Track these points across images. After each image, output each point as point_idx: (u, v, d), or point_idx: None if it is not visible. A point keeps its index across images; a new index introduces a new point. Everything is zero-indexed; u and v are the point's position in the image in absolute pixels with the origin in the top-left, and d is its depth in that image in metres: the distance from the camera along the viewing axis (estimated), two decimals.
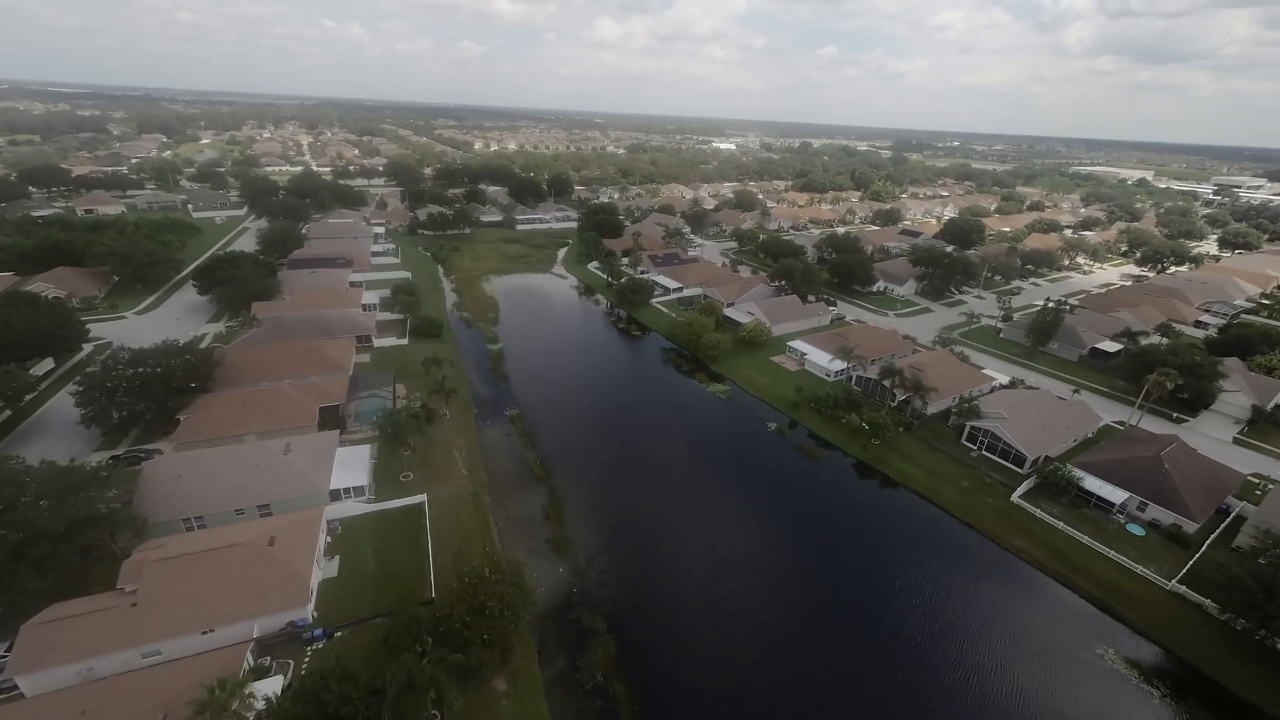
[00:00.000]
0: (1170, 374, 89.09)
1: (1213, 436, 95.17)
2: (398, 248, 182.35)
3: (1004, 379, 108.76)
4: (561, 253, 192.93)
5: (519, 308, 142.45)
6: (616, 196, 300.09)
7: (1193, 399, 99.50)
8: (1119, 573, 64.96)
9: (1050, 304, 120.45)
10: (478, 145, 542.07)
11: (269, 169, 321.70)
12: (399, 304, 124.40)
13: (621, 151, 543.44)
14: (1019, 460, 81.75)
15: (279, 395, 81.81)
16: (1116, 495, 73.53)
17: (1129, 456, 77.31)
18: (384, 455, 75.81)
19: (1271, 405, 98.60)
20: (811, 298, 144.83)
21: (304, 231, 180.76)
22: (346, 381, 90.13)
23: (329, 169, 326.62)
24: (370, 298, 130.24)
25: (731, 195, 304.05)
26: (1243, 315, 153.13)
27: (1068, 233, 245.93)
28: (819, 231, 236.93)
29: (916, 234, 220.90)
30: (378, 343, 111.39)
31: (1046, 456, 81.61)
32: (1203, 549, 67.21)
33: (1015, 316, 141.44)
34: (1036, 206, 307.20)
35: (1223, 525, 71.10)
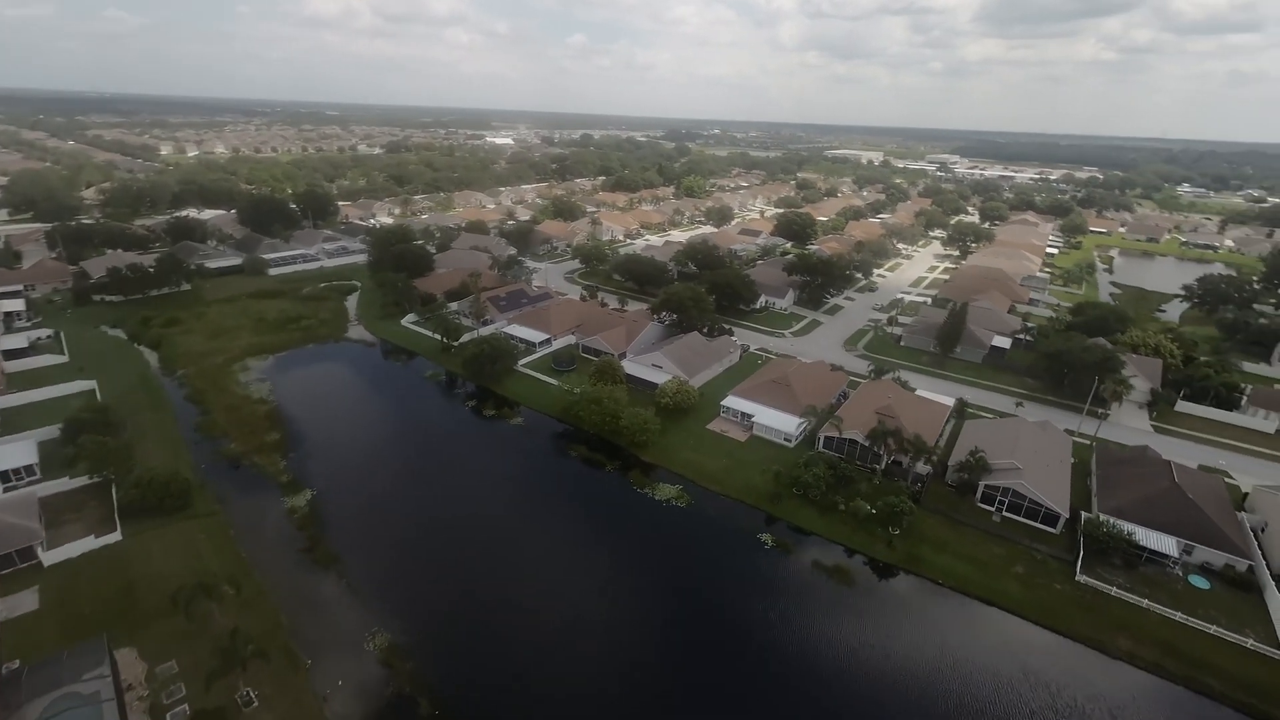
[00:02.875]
0: (1124, 381, 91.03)
1: (1135, 428, 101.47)
2: (59, 334, 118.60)
3: (947, 401, 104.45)
4: (352, 303, 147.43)
5: (315, 409, 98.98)
6: (398, 213, 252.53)
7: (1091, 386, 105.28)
8: (1238, 657, 58.31)
9: (957, 305, 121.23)
10: (166, 150, 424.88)
11: None
12: (85, 454, 74.03)
13: (379, 152, 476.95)
14: (1049, 518, 73.86)
15: None
16: (1166, 544, 68.90)
17: (1152, 492, 74.06)
18: None
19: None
20: (704, 329, 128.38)
21: None
22: None
23: None
24: (19, 453, 76.27)
25: (540, 201, 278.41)
26: (1050, 288, 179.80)
27: (870, 217, 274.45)
28: (658, 240, 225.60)
29: (756, 233, 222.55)
30: (52, 557, 62.23)
31: (1075, 509, 74.90)
32: (1263, 593, 64.71)
33: (902, 319, 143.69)
34: (831, 193, 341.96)
35: (1260, 554, 70.43)
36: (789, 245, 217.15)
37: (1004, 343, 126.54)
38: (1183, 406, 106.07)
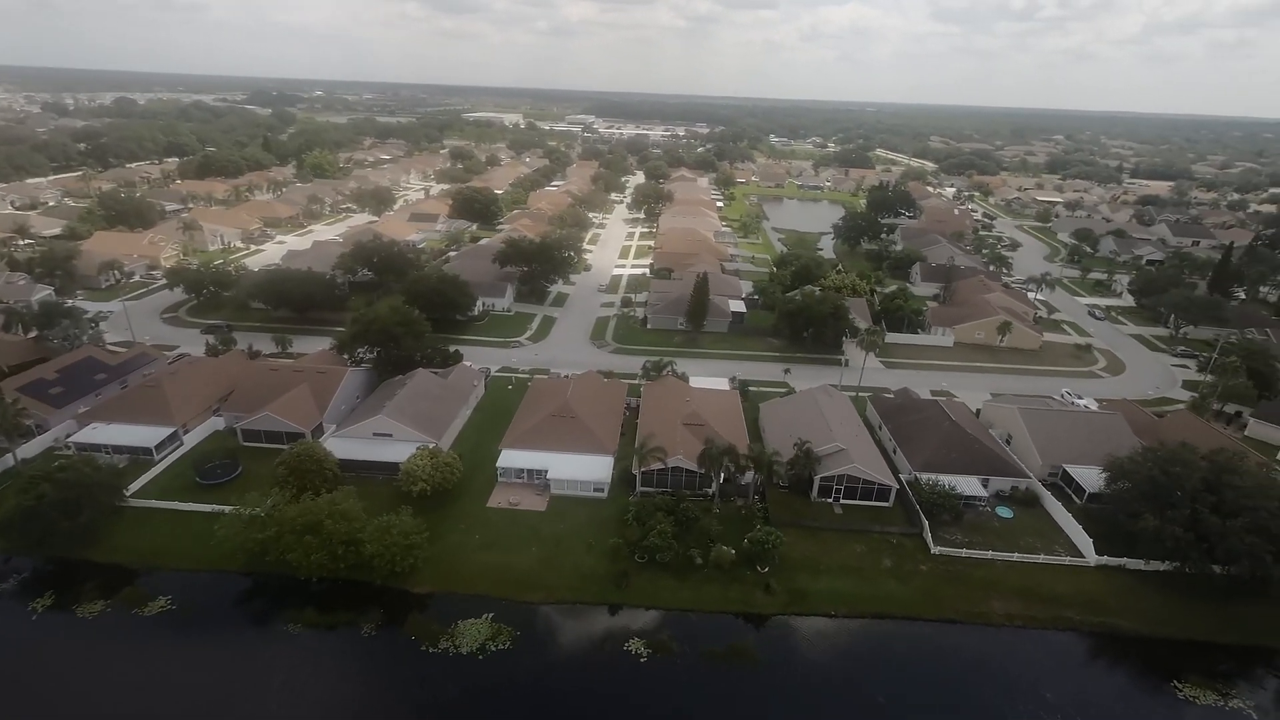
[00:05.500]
0: (878, 331, 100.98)
1: (870, 368, 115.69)
2: None
3: (723, 383, 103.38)
4: None
5: None
6: None
7: (833, 337, 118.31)
8: (1068, 577, 67.20)
9: (698, 276, 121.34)
10: None
11: None
12: None
13: None
14: (883, 494, 76.05)
15: None
16: (974, 486, 76.94)
17: (942, 437, 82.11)
18: None
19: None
20: (423, 358, 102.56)
21: None
22: None
23: None
24: None
25: (74, 202, 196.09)
26: (737, 243, 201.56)
27: (545, 186, 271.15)
28: (300, 242, 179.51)
29: (433, 217, 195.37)
30: None
31: (905, 481, 78.27)
32: (1043, 504, 77.52)
33: (637, 299, 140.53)
34: (494, 162, 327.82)
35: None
36: (475, 228, 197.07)
37: (739, 307, 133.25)
38: (891, 337, 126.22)
